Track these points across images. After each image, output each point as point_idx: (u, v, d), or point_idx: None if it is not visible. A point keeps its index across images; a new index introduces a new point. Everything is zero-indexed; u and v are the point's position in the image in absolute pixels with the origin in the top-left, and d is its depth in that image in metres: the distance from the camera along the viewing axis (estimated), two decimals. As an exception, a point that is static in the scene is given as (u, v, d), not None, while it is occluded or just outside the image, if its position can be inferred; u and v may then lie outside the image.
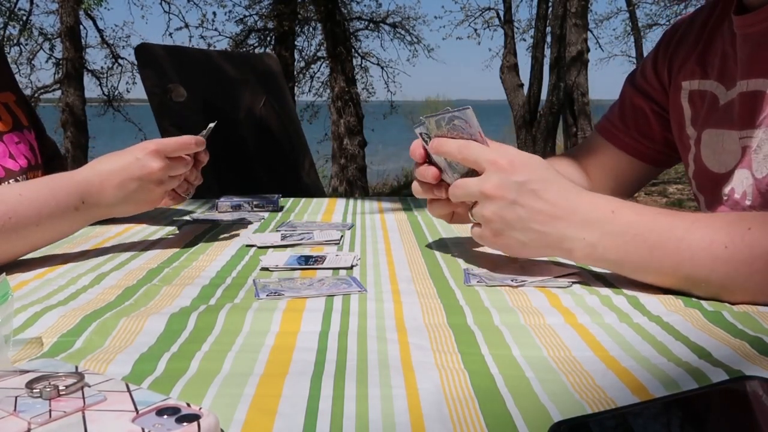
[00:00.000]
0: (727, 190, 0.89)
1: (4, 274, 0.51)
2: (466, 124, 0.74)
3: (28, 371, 0.44)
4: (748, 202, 0.86)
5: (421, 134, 0.79)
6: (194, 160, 0.99)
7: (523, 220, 0.70)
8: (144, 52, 2.01)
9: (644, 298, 0.66)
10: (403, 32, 11.17)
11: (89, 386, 0.42)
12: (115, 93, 11.39)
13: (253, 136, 2.19)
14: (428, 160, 0.81)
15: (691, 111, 0.97)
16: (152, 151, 0.89)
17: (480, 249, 0.90)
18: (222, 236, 1.03)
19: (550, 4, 9.31)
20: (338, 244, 0.96)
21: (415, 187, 0.84)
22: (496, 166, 0.71)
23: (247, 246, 0.95)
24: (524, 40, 12.54)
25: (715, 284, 0.64)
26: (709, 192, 0.94)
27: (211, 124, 0.99)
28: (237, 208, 1.29)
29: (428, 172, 0.80)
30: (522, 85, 9.75)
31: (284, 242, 0.96)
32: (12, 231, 0.80)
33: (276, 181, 2.10)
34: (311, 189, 2.31)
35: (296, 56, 9.97)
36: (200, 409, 0.39)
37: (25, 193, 0.83)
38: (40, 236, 0.85)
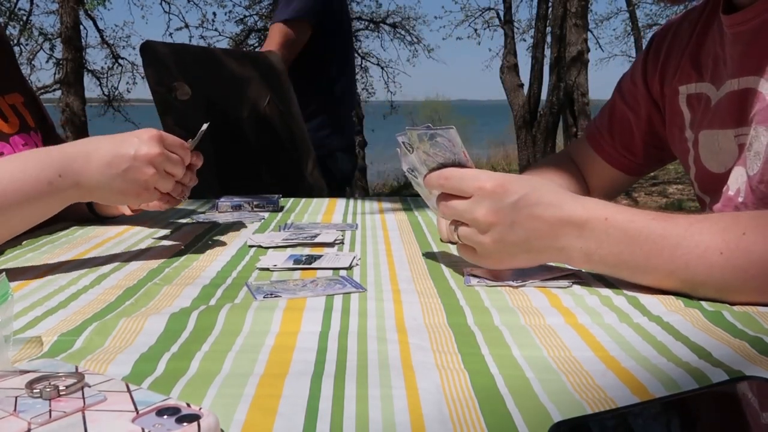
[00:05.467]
0: (725, 188, 0.89)
1: (4, 274, 0.51)
2: (449, 143, 0.73)
3: (28, 371, 0.44)
4: (740, 199, 0.86)
5: (403, 143, 0.79)
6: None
7: (523, 240, 0.70)
8: (148, 50, 2.01)
9: (644, 298, 0.66)
10: (403, 32, 11.18)
11: (89, 386, 0.42)
12: (116, 93, 11.41)
13: (257, 134, 2.18)
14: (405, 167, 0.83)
15: (690, 114, 0.98)
16: (154, 135, 0.83)
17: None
18: (222, 236, 1.03)
19: (550, 4, 9.31)
20: (339, 244, 0.96)
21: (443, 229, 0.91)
22: (484, 192, 0.70)
23: (248, 246, 0.95)
24: (524, 40, 12.54)
25: (713, 288, 0.64)
26: (712, 192, 0.94)
27: (204, 126, 0.96)
28: (237, 208, 1.29)
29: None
30: (522, 85, 9.74)
31: (284, 242, 0.96)
32: None
33: (279, 180, 2.10)
34: (314, 188, 2.31)
35: (296, 56, 9.96)
36: (200, 409, 0.39)
37: None
38: (8, 216, 0.78)
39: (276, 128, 2.27)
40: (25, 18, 10.44)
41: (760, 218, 0.63)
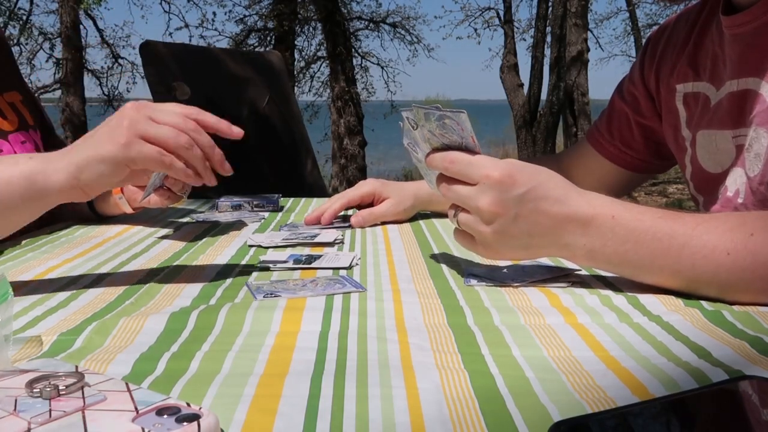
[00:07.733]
0: (722, 189, 0.89)
1: (4, 273, 0.51)
2: (458, 126, 0.70)
3: (28, 371, 0.44)
4: (740, 200, 0.86)
5: (407, 118, 0.75)
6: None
7: (525, 233, 0.69)
8: (148, 49, 2.01)
9: (644, 297, 0.66)
10: (403, 32, 11.16)
11: (89, 386, 0.42)
12: (115, 93, 11.40)
13: (256, 134, 2.18)
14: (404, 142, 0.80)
15: (686, 113, 0.98)
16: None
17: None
18: (222, 236, 1.03)
19: (550, 4, 9.31)
20: (339, 244, 0.96)
21: None
22: (490, 180, 0.68)
23: (248, 246, 0.95)
24: (524, 40, 12.53)
25: (717, 288, 0.64)
26: (707, 192, 0.94)
27: None
28: (237, 208, 1.29)
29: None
30: (522, 85, 9.74)
31: (284, 242, 0.96)
32: None
33: (279, 180, 2.10)
34: (314, 188, 2.31)
35: (296, 56, 9.97)
36: (200, 409, 0.39)
37: None
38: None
39: (275, 128, 2.27)
40: (25, 18, 10.44)
41: (767, 219, 0.63)
